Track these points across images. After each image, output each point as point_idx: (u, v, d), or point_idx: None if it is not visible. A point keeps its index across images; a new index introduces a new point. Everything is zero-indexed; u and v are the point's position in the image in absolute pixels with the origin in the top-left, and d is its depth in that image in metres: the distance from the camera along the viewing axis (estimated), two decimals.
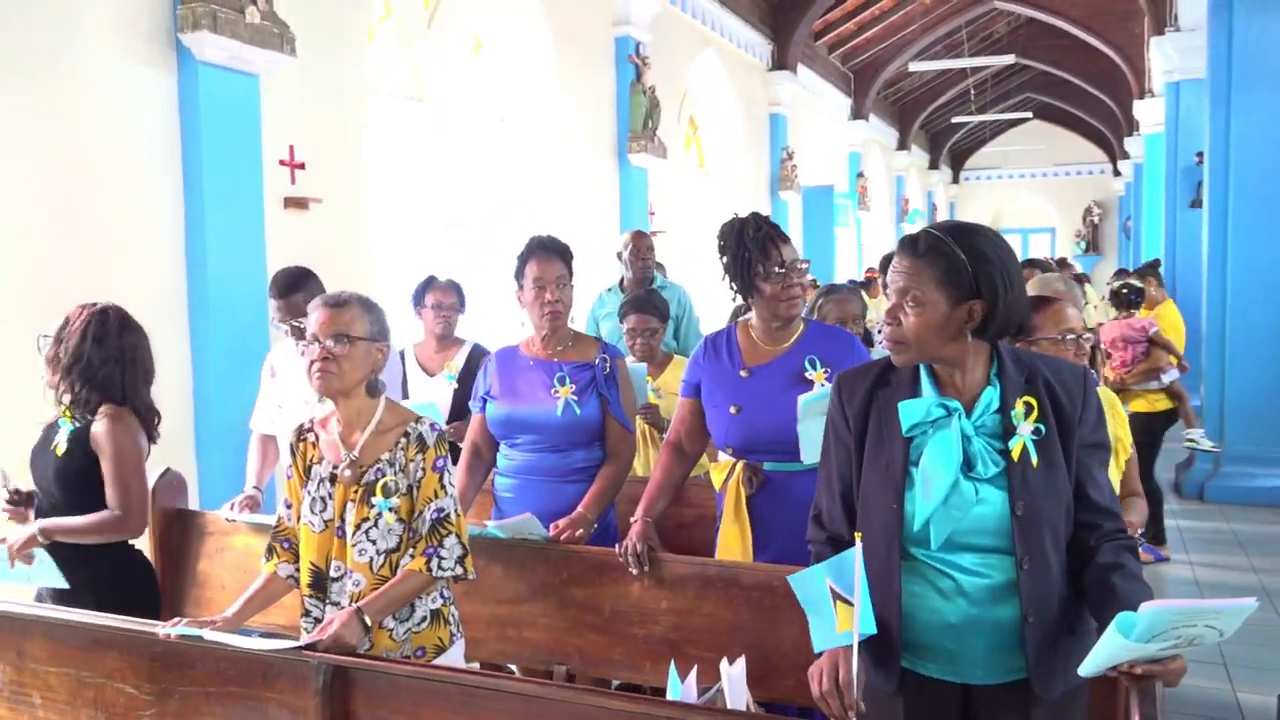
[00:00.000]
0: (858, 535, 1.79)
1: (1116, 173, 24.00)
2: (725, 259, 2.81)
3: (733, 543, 2.84)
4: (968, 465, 1.89)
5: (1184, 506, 7.23)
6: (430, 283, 4.25)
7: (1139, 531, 2.75)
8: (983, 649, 1.92)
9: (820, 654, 1.91)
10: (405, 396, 4.08)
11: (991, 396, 1.94)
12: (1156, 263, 7.54)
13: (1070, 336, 2.68)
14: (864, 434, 2.00)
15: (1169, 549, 6.11)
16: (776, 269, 2.76)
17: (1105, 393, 2.93)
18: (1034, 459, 1.89)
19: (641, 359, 4.21)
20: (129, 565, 2.89)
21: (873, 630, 1.83)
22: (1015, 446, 1.89)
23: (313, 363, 2.36)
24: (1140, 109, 14.35)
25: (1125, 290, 6.43)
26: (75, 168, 4.24)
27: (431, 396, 4.06)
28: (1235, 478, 7.26)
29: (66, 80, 4.20)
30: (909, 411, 1.92)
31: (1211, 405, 7.43)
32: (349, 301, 2.40)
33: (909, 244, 1.93)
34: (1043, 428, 1.91)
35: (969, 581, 1.90)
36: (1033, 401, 1.92)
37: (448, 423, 3.94)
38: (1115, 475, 2.81)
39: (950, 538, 1.90)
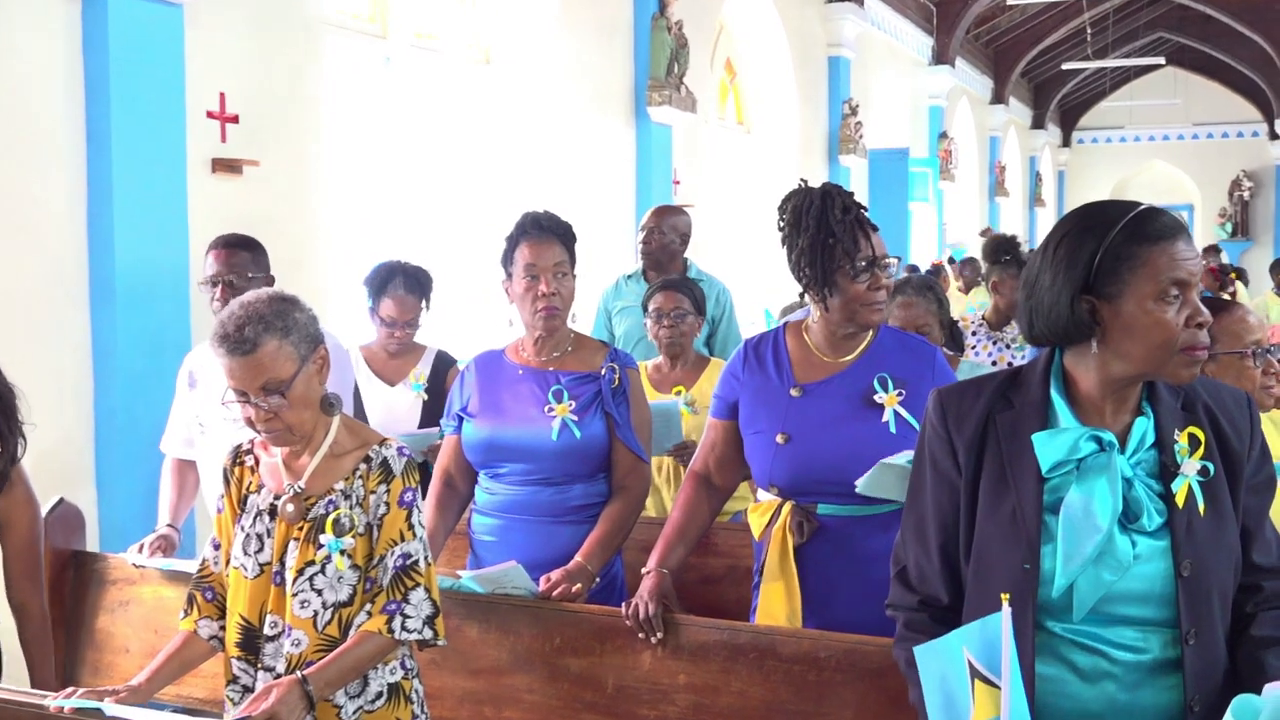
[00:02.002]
0: (1005, 598, 1.75)
1: (1274, 135, 23.89)
2: (799, 241, 2.80)
3: (777, 605, 2.85)
4: (1126, 515, 1.90)
5: None
6: (388, 282, 4.18)
7: None
8: None
9: None
10: (359, 412, 4.12)
11: (1145, 428, 1.95)
12: None
13: (1259, 350, 2.70)
14: (978, 471, 2.00)
15: None
16: (863, 264, 2.78)
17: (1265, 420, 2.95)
18: (1200, 506, 1.91)
19: (669, 353, 4.22)
20: None
21: None
22: (1179, 490, 1.90)
23: (250, 423, 2.41)
24: None
25: None
26: None
27: (393, 410, 4.10)
28: None
29: None
30: (1050, 446, 1.92)
31: None
32: (260, 339, 2.36)
33: (1177, 225, 1.93)
34: (1210, 466, 1.92)
35: (1120, 660, 1.91)
36: (1199, 434, 1.94)
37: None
38: None
39: (1096, 606, 1.91)
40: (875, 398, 2.80)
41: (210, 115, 5.24)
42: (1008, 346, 5.58)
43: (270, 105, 5.58)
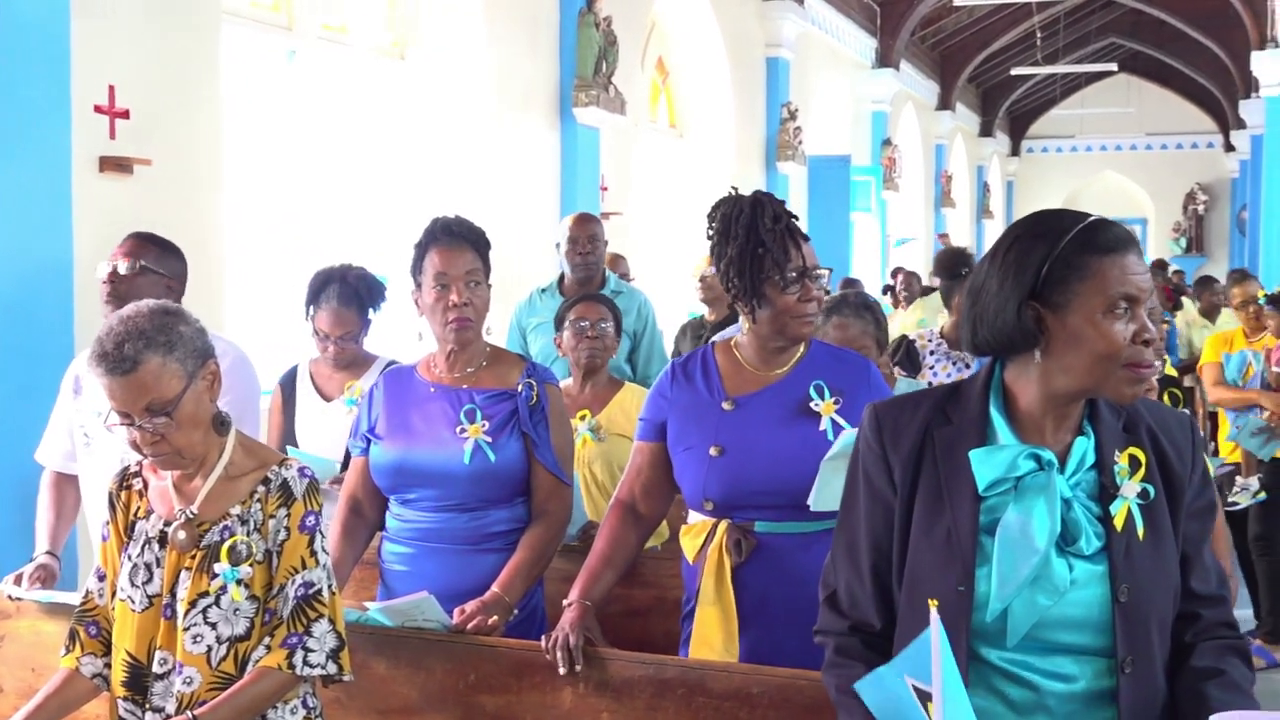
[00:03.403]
0: (933, 604, 1.78)
1: (1229, 147, 24.47)
2: (727, 250, 2.84)
3: (713, 631, 2.86)
4: (1064, 538, 1.93)
5: None
6: (321, 292, 4.06)
7: None
8: None
9: None
10: (287, 432, 4.09)
11: (1085, 447, 1.99)
12: None
13: None
14: (914, 489, 2.03)
15: None
16: (793, 276, 2.82)
17: None
18: (1140, 530, 1.94)
19: (586, 368, 4.14)
20: None
21: None
22: (1119, 513, 1.93)
23: (136, 447, 2.39)
24: (1260, 62, 14.63)
25: None
26: None
27: (323, 429, 4.04)
28: None
29: None
30: (988, 463, 1.95)
31: None
32: (141, 357, 2.33)
33: (1128, 237, 1.97)
34: (1150, 489, 1.96)
35: (1052, 690, 1.94)
36: (1140, 456, 1.97)
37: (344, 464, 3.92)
38: None
39: (1030, 632, 1.93)
40: (811, 405, 2.84)
41: (98, 110, 5.19)
42: (968, 365, 5.66)
43: (164, 100, 5.53)
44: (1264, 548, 6.28)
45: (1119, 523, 1.94)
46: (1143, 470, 1.96)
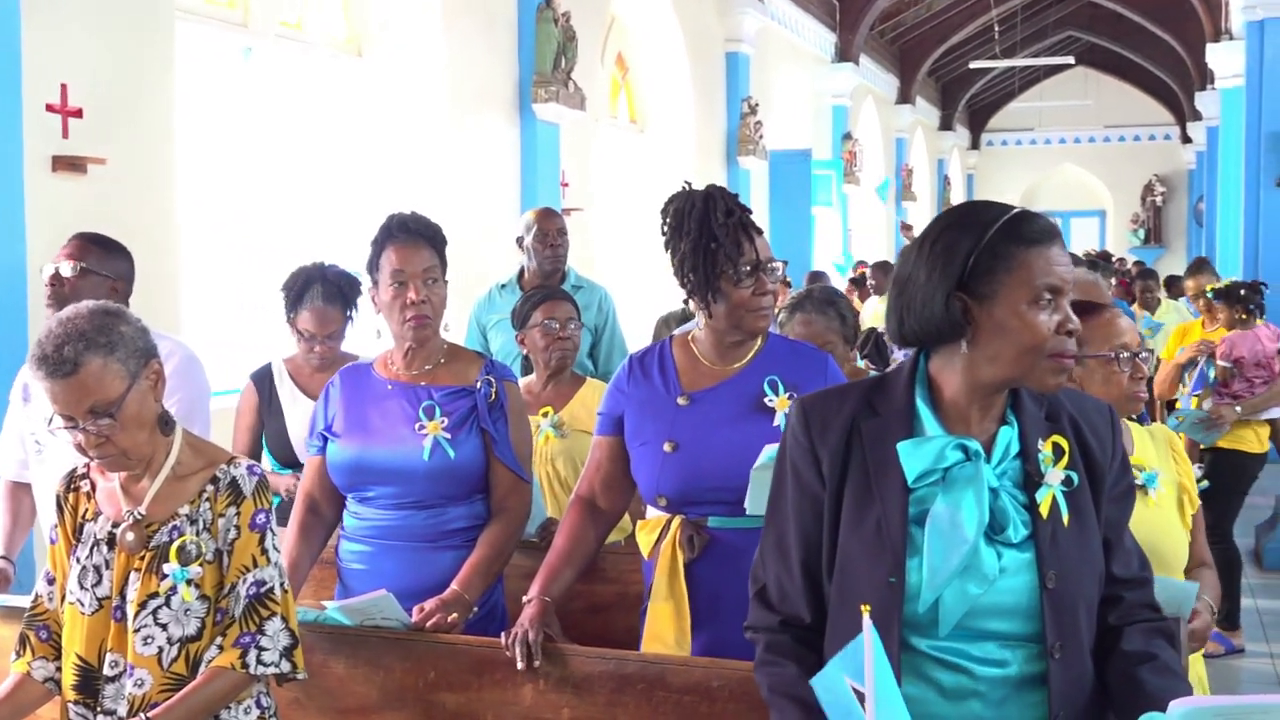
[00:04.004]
0: (865, 609, 1.79)
1: (1186, 139, 24.70)
2: (681, 245, 2.85)
3: (665, 626, 2.87)
4: (992, 527, 1.95)
5: (1264, 580, 7.45)
6: (305, 291, 4.03)
7: (1212, 614, 2.84)
8: None
9: None
10: (273, 431, 4.06)
11: (1010, 436, 2.01)
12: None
13: (1125, 354, 2.78)
14: (842, 482, 2.04)
15: (1242, 636, 6.29)
16: (747, 269, 2.82)
17: (1162, 429, 3.05)
18: (1065, 516, 1.97)
19: (556, 367, 4.09)
20: None
21: None
22: (1044, 500, 1.96)
23: (81, 450, 2.37)
24: (1215, 55, 14.81)
25: (1244, 290, 6.60)
26: None
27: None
28: None
29: None
30: (915, 455, 1.97)
31: None
32: (81, 359, 2.30)
33: (1052, 229, 1.99)
34: (1074, 476, 1.99)
35: (984, 676, 1.96)
36: (1063, 443, 2.00)
37: None
38: (1182, 535, 2.92)
39: (961, 621, 1.95)
40: (766, 401, 2.85)
41: (51, 109, 5.14)
42: None
43: (118, 99, 5.49)
44: (1215, 537, 6.33)
45: (1044, 510, 1.97)
46: (1066, 458, 2.00)
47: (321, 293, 4.01)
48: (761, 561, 2.15)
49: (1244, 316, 6.54)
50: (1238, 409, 6.29)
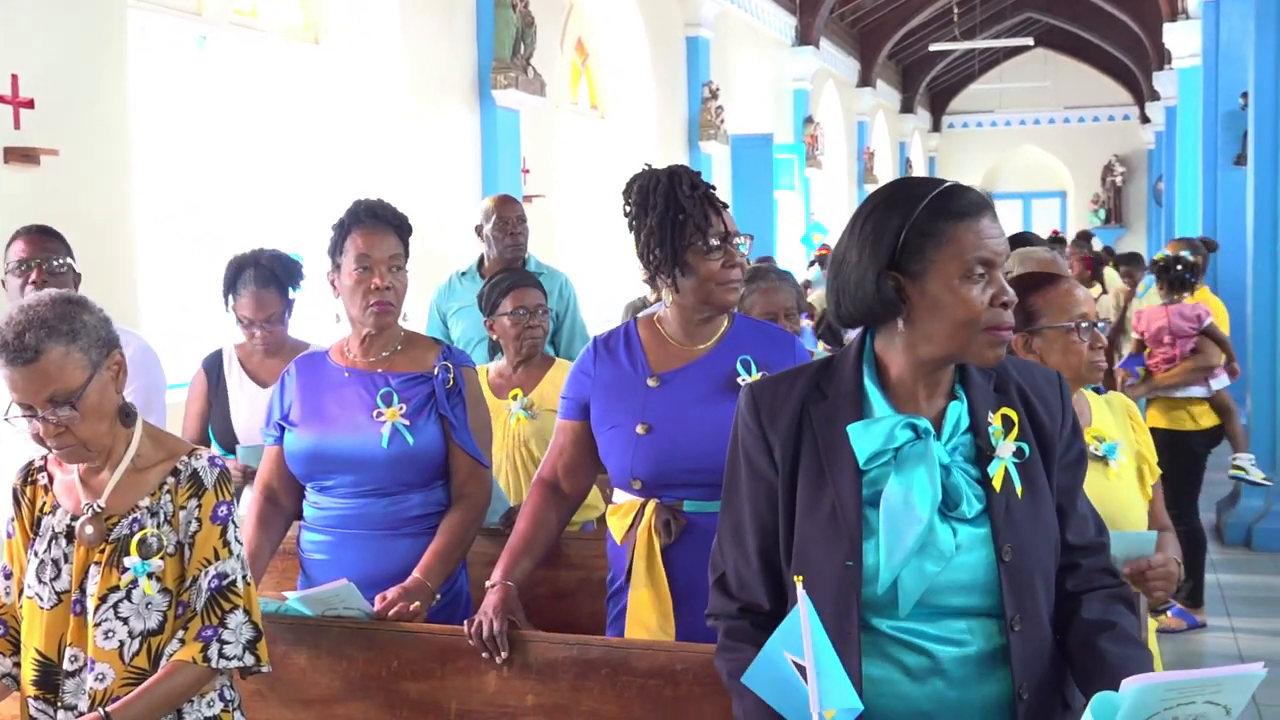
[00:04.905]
0: (798, 580, 1.80)
1: (1145, 119, 24.86)
2: (646, 221, 2.85)
3: (647, 613, 2.87)
4: (946, 503, 1.96)
5: (1226, 556, 7.56)
6: (238, 277, 4.02)
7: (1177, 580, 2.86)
8: None
9: None
10: (219, 416, 4.04)
11: (959, 411, 2.02)
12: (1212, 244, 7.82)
13: (1085, 325, 2.81)
14: (795, 467, 2.04)
15: (1205, 612, 6.36)
16: (715, 242, 2.82)
17: (1120, 398, 3.07)
18: (1018, 488, 1.99)
19: (527, 354, 4.09)
20: None
21: (857, 705, 1.82)
22: (996, 473, 1.98)
23: (39, 439, 2.35)
24: (1172, 34, 14.89)
25: (1179, 266, 6.64)
26: None
27: (261, 415, 3.98)
28: None
29: None
30: (865, 436, 1.97)
31: (1260, 424, 7.77)
32: (43, 347, 2.29)
33: (981, 202, 1.99)
34: (1025, 448, 2.00)
35: (945, 655, 1.97)
36: (1013, 415, 2.01)
37: None
38: (1143, 505, 2.95)
39: (921, 599, 1.96)
40: (739, 380, 2.84)
41: (2, 100, 5.09)
42: None
43: (71, 89, 5.43)
44: (1177, 517, 6.40)
45: (997, 483, 1.98)
46: (1016, 429, 2.01)
47: (255, 276, 4.00)
48: (720, 549, 2.16)
49: (1169, 291, 6.59)
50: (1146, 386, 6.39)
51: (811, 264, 12.71)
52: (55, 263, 3.60)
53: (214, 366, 4.16)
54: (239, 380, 4.11)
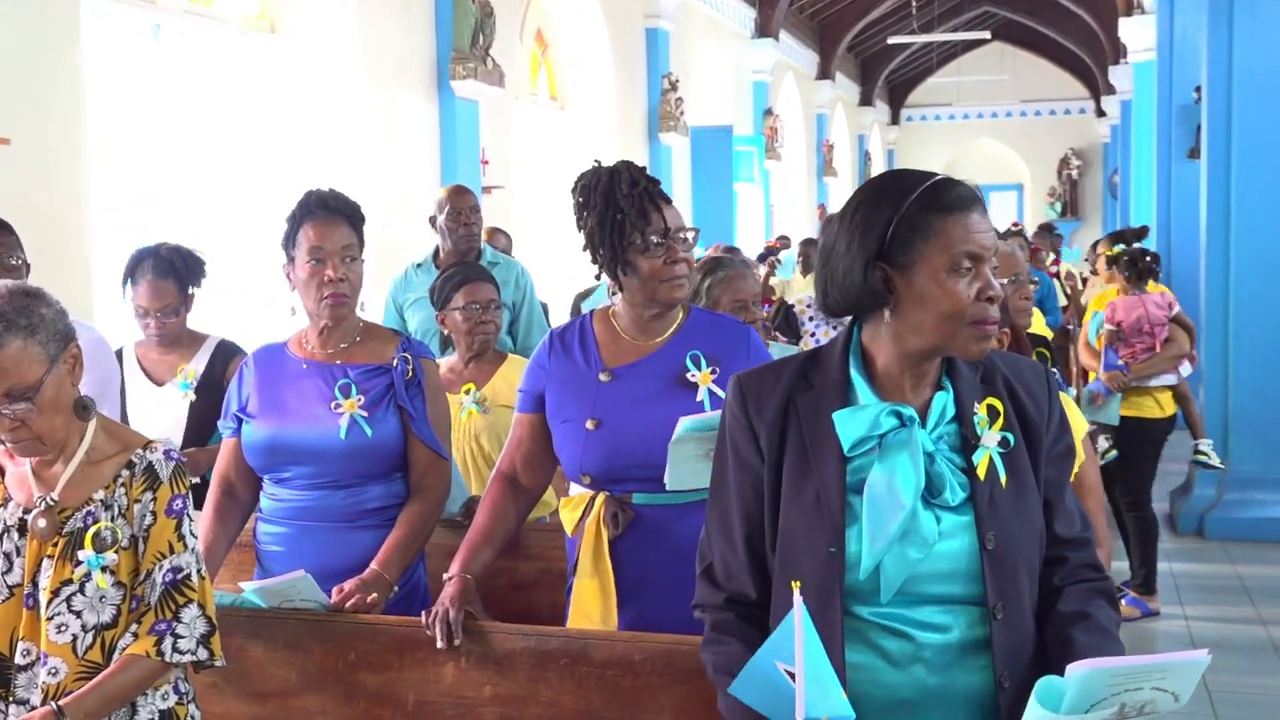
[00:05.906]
0: (795, 585, 1.78)
1: (1100, 112, 25.08)
2: (588, 222, 2.87)
3: (590, 603, 2.88)
4: (929, 491, 1.97)
5: (1179, 545, 7.63)
6: (136, 268, 4.03)
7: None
8: None
9: None
10: (123, 417, 3.99)
11: (945, 401, 2.04)
12: (1144, 231, 7.94)
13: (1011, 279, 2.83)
14: (780, 456, 2.05)
15: (1158, 600, 6.44)
16: (655, 239, 2.83)
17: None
18: (1002, 478, 2.00)
19: (479, 349, 4.08)
20: None
21: (849, 715, 1.80)
22: (980, 462, 1.99)
23: None
24: (1127, 29, 15.03)
25: (1146, 256, 6.70)
26: None
27: (156, 415, 3.96)
28: (1242, 506, 7.67)
29: None
30: (851, 423, 1.98)
31: (1213, 414, 7.84)
32: (1, 341, 2.25)
33: (971, 196, 2.00)
34: (1010, 438, 2.02)
35: (928, 642, 1.98)
36: (998, 405, 2.03)
37: (181, 449, 3.86)
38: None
39: (903, 586, 1.97)
40: (689, 376, 2.85)
41: None
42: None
43: (22, 78, 5.39)
44: (1131, 504, 6.50)
45: (981, 472, 1.99)
46: (1001, 419, 2.02)
47: (153, 267, 4.01)
48: (707, 539, 2.17)
49: (1131, 281, 6.65)
50: (1126, 378, 6.44)
51: (763, 257, 12.72)
52: (12, 262, 3.56)
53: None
54: (135, 377, 4.09)
